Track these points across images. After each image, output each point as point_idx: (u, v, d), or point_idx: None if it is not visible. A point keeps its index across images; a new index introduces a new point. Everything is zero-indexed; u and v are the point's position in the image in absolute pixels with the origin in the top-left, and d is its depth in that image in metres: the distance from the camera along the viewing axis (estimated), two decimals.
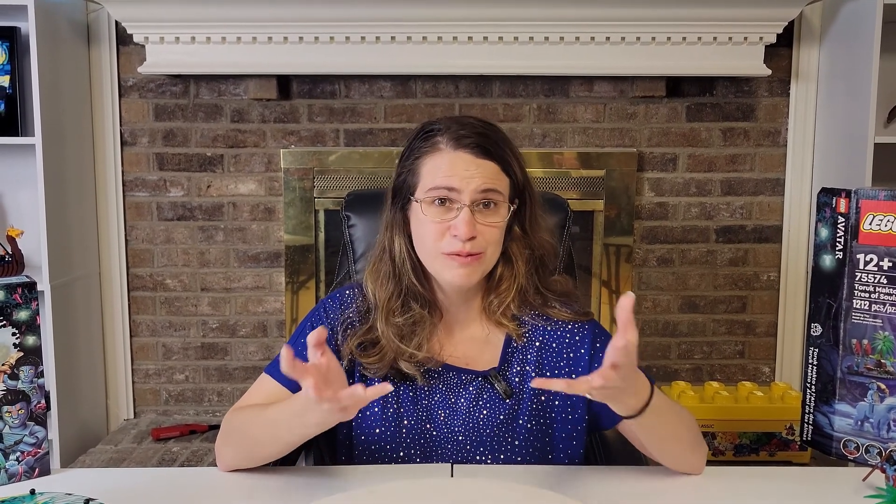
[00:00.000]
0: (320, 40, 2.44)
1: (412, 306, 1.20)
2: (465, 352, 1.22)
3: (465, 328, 1.24)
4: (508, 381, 1.20)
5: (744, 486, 1.11)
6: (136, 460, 2.42)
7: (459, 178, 1.13)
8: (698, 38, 2.44)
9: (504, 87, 2.64)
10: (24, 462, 1.11)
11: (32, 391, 1.12)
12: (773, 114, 2.67)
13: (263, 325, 2.75)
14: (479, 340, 1.23)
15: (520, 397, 1.19)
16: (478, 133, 1.16)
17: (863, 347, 1.18)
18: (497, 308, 1.21)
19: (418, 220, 1.16)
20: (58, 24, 2.43)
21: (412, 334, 1.18)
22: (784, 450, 2.39)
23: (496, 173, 1.15)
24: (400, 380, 1.19)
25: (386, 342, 1.17)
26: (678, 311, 2.74)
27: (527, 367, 1.21)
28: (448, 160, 1.14)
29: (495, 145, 1.16)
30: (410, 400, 1.19)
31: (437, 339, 1.22)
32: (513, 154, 1.19)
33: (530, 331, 1.23)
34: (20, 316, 1.10)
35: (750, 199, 2.70)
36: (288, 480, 1.12)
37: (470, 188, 1.12)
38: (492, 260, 1.18)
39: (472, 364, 1.21)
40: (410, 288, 1.20)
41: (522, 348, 1.22)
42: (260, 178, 2.68)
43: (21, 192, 2.57)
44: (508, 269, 1.22)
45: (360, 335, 1.19)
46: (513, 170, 1.18)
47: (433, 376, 1.20)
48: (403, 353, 1.17)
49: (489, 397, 1.19)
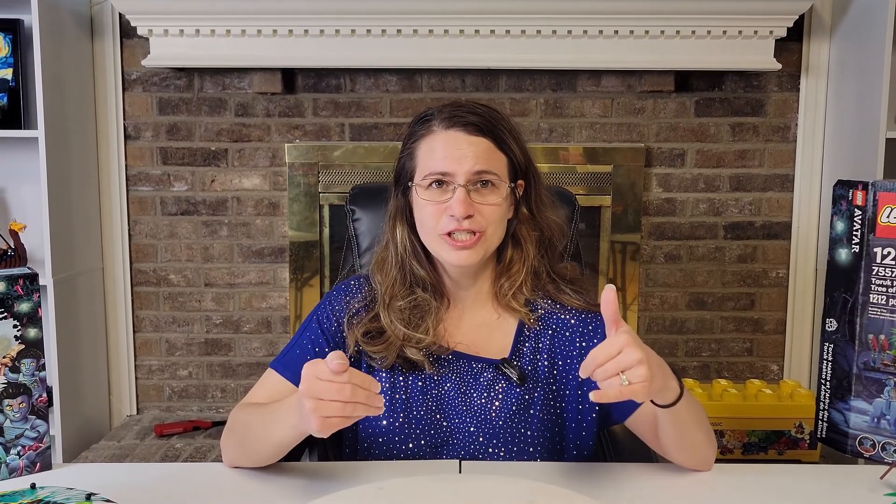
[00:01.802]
0: (325, 33, 2.42)
1: (415, 291, 1.19)
2: (476, 338, 1.20)
3: (474, 314, 1.22)
4: (521, 368, 1.18)
5: (757, 484, 1.09)
6: (138, 456, 2.41)
7: (452, 159, 1.13)
8: (707, 32, 2.42)
9: (511, 82, 2.62)
10: (25, 456, 1.10)
11: (34, 384, 1.10)
12: (783, 109, 2.64)
13: (267, 320, 2.73)
14: (489, 326, 1.21)
15: (533, 385, 1.18)
16: (470, 112, 1.16)
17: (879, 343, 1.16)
18: (508, 291, 1.20)
19: (418, 204, 1.17)
20: (61, 17, 2.41)
21: (419, 320, 1.17)
22: (793, 448, 2.37)
23: (490, 150, 1.15)
24: (408, 369, 1.17)
25: (390, 330, 1.16)
26: (686, 308, 2.72)
27: (540, 354, 1.19)
28: (441, 140, 1.15)
29: (489, 123, 1.16)
30: (419, 390, 1.17)
31: (444, 325, 1.21)
32: (510, 132, 1.18)
33: (543, 316, 1.21)
34: (21, 308, 1.08)
35: (759, 194, 2.68)
36: (292, 476, 1.10)
37: (463, 169, 1.12)
38: (493, 239, 1.16)
39: (483, 351, 1.19)
40: (414, 274, 1.20)
41: (535, 335, 1.20)
42: (264, 172, 2.66)
43: (24, 186, 2.56)
44: (518, 252, 1.21)
45: (366, 323, 1.18)
46: (510, 148, 1.17)
47: (443, 365, 1.18)
48: (410, 340, 1.16)
49: (501, 388, 1.17)
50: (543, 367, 1.19)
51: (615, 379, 0.90)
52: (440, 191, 1.14)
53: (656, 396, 1.00)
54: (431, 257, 1.21)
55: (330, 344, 1.19)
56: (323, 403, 0.89)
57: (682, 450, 1.10)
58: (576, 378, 1.18)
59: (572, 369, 1.18)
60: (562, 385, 1.19)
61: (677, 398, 1.02)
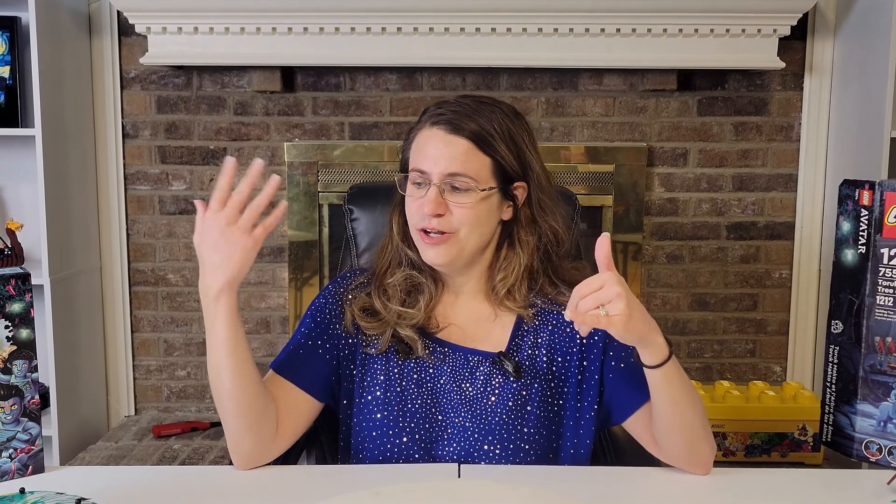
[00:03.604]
0: (325, 31, 2.40)
1: (410, 271, 1.20)
2: (472, 330, 1.19)
3: (470, 306, 1.21)
4: (518, 362, 1.16)
5: (761, 488, 1.07)
6: (136, 457, 2.39)
7: (429, 158, 1.13)
8: (710, 31, 2.40)
9: (512, 80, 2.60)
10: (16, 459, 1.08)
11: (26, 386, 1.08)
12: (786, 108, 2.62)
13: (266, 321, 2.71)
14: (486, 321, 1.20)
15: (530, 380, 1.16)
16: (454, 110, 1.14)
17: (886, 345, 1.14)
18: (501, 290, 1.19)
19: (407, 196, 1.17)
20: (59, 14, 2.40)
21: (413, 301, 1.18)
22: (796, 450, 2.35)
23: (468, 152, 1.12)
24: (403, 355, 1.17)
25: (384, 310, 1.17)
26: (688, 308, 2.70)
27: (538, 349, 1.18)
28: (423, 138, 1.15)
29: (473, 123, 1.13)
30: (415, 382, 1.16)
31: (439, 306, 1.21)
32: (501, 134, 1.14)
33: (541, 312, 1.20)
34: (13, 308, 1.07)
35: (762, 194, 2.66)
36: (289, 480, 1.09)
37: (437, 170, 1.12)
38: (469, 241, 1.14)
39: (479, 344, 1.18)
40: (410, 259, 1.20)
41: (534, 330, 1.19)
42: (263, 171, 2.64)
43: (21, 184, 2.54)
44: (513, 253, 1.20)
45: (362, 301, 1.19)
46: (496, 150, 1.14)
47: (438, 357, 1.17)
48: (403, 317, 1.16)
49: (498, 383, 1.16)
50: (542, 363, 1.17)
51: (595, 311, 0.95)
52: (419, 187, 1.14)
53: (638, 343, 1.01)
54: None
55: (324, 336, 1.18)
56: (211, 240, 1.02)
57: (679, 436, 1.08)
58: (574, 375, 1.17)
59: (571, 366, 1.17)
60: (560, 381, 1.17)
61: (665, 359, 1.02)
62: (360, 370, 1.19)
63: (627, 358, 1.16)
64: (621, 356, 1.16)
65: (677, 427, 1.08)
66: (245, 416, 1.08)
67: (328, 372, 1.18)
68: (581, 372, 1.17)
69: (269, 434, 1.11)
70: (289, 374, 1.15)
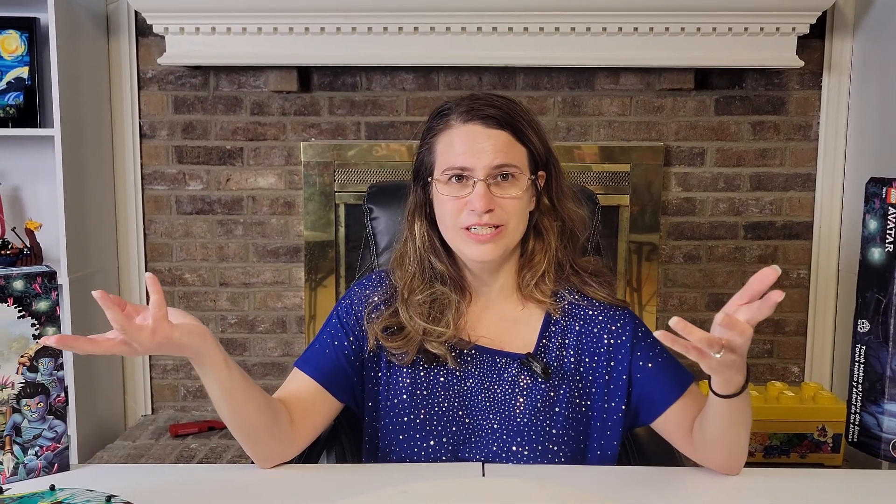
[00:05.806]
0: (342, 31, 2.40)
1: (435, 285, 1.18)
2: (500, 333, 1.19)
3: (497, 308, 1.21)
4: (546, 363, 1.15)
5: (786, 489, 1.06)
6: (154, 457, 2.40)
7: (471, 153, 1.11)
8: (728, 29, 2.38)
9: (528, 80, 2.59)
10: (42, 457, 1.08)
11: (52, 384, 1.08)
12: (805, 107, 2.61)
13: (283, 320, 2.72)
14: (513, 321, 1.19)
15: (558, 381, 1.15)
16: (488, 104, 1.14)
17: None
18: (531, 281, 1.18)
19: (438, 199, 1.16)
20: (77, 15, 2.41)
21: (439, 314, 1.16)
22: (816, 451, 2.33)
23: (509, 143, 1.13)
24: (429, 363, 1.16)
25: (410, 325, 1.15)
26: (705, 308, 2.68)
27: (566, 350, 1.17)
28: (459, 134, 1.13)
29: (507, 115, 1.14)
30: (441, 386, 1.16)
31: (465, 319, 1.19)
32: (529, 124, 1.16)
33: (569, 308, 1.19)
34: (40, 306, 1.07)
35: (780, 194, 2.64)
36: (311, 479, 1.09)
37: (482, 164, 1.11)
38: (515, 233, 1.15)
39: (507, 346, 1.17)
40: (434, 269, 1.19)
41: (562, 330, 1.18)
42: (280, 171, 2.65)
43: (39, 184, 2.55)
44: (540, 243, 1.20)
45: (385, 318, 1.17)
46: (529, 139, 1.16)
47: (465, 360, 1.17)
48: (430, 334, 1.15)
49: (526, 384, 1.15)
50: (570, 363, 1.16)
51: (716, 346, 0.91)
52: (460, 185, 1.13)
53: (719, 384, 0.98)
54: (451, 252, 1.19)
55: (349, 337, 1.18)
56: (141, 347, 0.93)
57: (721, 447, 1.07)
58: (602, 375, 1.16)
59: (599, 366, 1.16)
60: (588, 382, 1.16)
61: (736, 393, 0.99)
62: (385, 374, 1.18)
63: (656, 357, 1.15)
64: (649, 356, 1.15)
65: (724, 443, 1.07)
66: (257, 437, 1.09)
67: (351, 374, 1.18)
68: (609, 372, 1.16)
69: (286, 437, 1.11)
70: (312, 373, 1.16)
